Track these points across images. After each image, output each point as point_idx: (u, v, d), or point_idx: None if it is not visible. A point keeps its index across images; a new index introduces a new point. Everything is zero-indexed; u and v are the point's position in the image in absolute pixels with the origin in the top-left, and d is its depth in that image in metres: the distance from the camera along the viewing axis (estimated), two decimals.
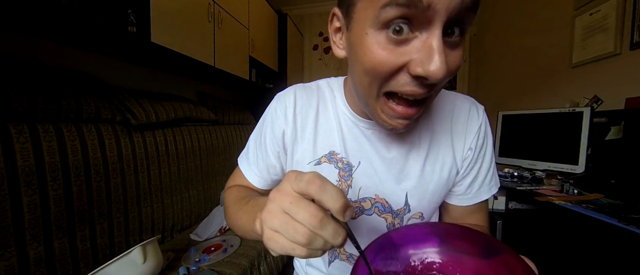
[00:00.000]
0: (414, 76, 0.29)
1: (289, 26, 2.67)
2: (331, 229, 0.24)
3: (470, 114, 0.45)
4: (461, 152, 0.45)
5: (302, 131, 0.47)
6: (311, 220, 0.23)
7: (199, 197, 1.49)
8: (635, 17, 1.20)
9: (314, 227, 0.24)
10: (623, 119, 1.11)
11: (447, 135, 0.45)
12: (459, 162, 0.45)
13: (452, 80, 2.85)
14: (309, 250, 0.25)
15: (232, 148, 1.83)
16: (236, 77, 1.86)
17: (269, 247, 0.26)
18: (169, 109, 1.30)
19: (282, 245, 0.25)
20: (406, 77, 0.30)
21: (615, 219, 0.76)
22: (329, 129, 0.46)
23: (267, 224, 0.26)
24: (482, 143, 0.45)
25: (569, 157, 1.24)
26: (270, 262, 1.26)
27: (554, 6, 1.70)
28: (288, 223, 0.24)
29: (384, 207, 0.45)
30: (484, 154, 0.46)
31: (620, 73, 1.28)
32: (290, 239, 0.24)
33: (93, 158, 0.95)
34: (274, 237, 0.25)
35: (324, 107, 0.48)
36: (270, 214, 0.25)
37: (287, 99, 0.48)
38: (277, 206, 0.25)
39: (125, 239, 1.06)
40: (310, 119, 0.47)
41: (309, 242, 0.24)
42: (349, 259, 0.49)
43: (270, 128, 0.49)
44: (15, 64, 0.87)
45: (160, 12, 1.19)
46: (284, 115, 0.47)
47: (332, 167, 0.45)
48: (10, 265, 0.73)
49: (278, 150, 0.49)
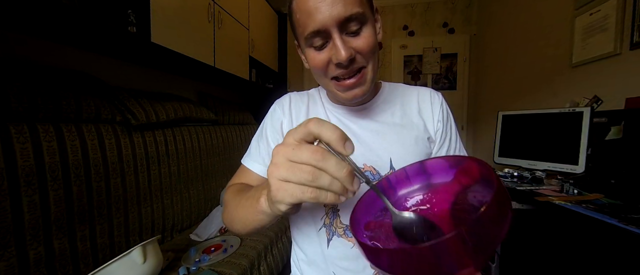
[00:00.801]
0: (335, 64, 0.44)
1: (289, 26, 2.67)
2: (334, 161, 0.26)
3: (431, 95, 0.58)
4: (432, 124, 0.56)
5: (296, 120, 0.57)
6: (314, 156, 0.25)
7: (199, 197, 1.49)
8: (635, 17, 1.20)
9: (317, 161, 0.25)
10: (623, 119, 1.11)
11: (415, 112, 0.56)
12: (431, 131, 0.56)
13: (452, 80, 2.85)
14: (317, 190, 0.26)
15: (232, 148, 1.83)
16: (236, 77, 1.87)
17: (278, 199, 0.28)
18: (169, 109, 1.30)
19: (291, 192, 0.26)
20: (333, 66, 0.44)
21: (615, 219, 0.76)
22: (318, 115, 0.56)
23: (274, 176, 0.27)
24: (447, 116, 0.57)
25: (569, 157, 1.24)
26: (270, 262, 1.26)
27: (554, 6, 1.70)
28: (294, 167, 0.26)
29: (372, 175, 0.51)
30: (451, 126, 0.58)
31: (620, 73, 1.28)
32: (297, 181, 0.26)
33: (93, 158, 0.95)
34: (283, 186, 0.27)
35: (313, 103, 0.60)
36: (276, 166, 0.27)
37: (283, 100, 0.60)
38: (281, 157, 0.27)
39: (125, 239, 1.06)
40: (302, 110, 0.58)
41: (314, 178, 0.25)
42: (346, 233, 0.51)
43: (270, 122, 0.58)
44: (15, 64, 0.87)
45: (160, 12, 1.19)
46: (281, 110, 0.58)
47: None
48: (10, 265, 0.73)
49: (278, 138, 0.57)
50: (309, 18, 0.41)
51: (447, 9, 2.82)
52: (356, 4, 0.41)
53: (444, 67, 2.86)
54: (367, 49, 0.44)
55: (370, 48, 0.44)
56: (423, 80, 2.90)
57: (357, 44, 0.43)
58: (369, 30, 0.44)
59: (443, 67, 2.86)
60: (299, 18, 0.43)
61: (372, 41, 0.44)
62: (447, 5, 2.81)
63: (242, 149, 0.59)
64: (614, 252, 0.76)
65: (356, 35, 0.43)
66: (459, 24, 2.80)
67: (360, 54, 0.44)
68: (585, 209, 0.86)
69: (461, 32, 2.79)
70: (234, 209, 0.44)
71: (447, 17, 2.82)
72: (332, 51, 0.43)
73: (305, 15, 0.42)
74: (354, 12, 0.41)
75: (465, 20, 2.77)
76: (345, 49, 0.41)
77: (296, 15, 0.44)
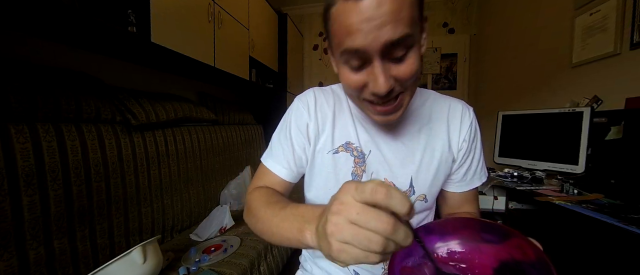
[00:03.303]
0: (371, 92, 0.40)
1: (289, 26, 2.67)
2: (402, 232, 0.25)
3: (463, 112, 0.54)
4: (456, 143, 0.53)
5: (322, 124, 0.54)
6: (385, 227, 0.24)
7: (199, 197, 1.49)
8: (635, 17, 1.20)
9: (388, 234, 0.24)
10: (623, 119, 1.11)
11: (443, 129, 0.53)
12: (454, 151, 0.53)
13: (452, 80, 2.85)
14: (383, 256, 0.26)
15: (232, 148, 1.83)
16: (236, 77, 1.86)
17: (340, 260, 0.26)
18: (169, 109, 1.30)
19: (355, 256, 0.25)
20: (368, 91, 0.40)
21: (615, 219, 0.76)
22: (345, 123, 0.54)
23: (336, 237, 0.26)
24: (474, 136, 0.54)
25: (569, 157, 1.24)
26: (270, 262, 1.26)
27: (554, 6, 1.70)
28: (359, 233, 0.25)
29: None
30: (476, 146, 0.55)
31: (620, 73, 1.28)
32: (364, 248, 0.25)
33: (93, 158, 0.95)
34: (346, 249, 0.26)
35: (339, 105, 0.55)
36: (338, 227, 0.26)
37: (308, 98, 0.55)
38: (343, 219, 0.26)
39: (125, 239, 1.06)
40: (328, 115, 0.54)
41: (383, 249, 0.25)
42: None
43: (295, 123, 0.55)
44: (15, 63, 0.87)
45: (160, 12, 1.19)
46: (307, 111, 0.54)
47: (348, 155, 0.52)
48: (10, 266, 0.73)
49: (303, 142, 0.54)
50: (348, 36, 0.36)
51: (447, 9, 2.82)
52: (406, 24, 0.35)
53: (444, 67, 2.86)
54: (409, 77, 0.39)
55: (412, 76, 0.39)
56: (423, 80, 2.90)
57: (398, 71, 0.38)
58: (414, 55, 0.38)
59: (443, 67, 2.86)
60: (336, 29, 0.38)
61: (416, 68, 0.39)
62: (447, 5, 2.81)
63: (242, 149, 0.58)
64: (614, 252, 0.76)
65: (400, 61, 0.38)
66: (459, 24, 2.80)
67: (400, 82, 0.39)
68: (585, 209, 0.86)
69: (461, 32, 2.79)
70: (267, 221, 0.43)
71: (447, 17, 2.82)
72: (370, 76, 0.38)
73: (345, 30, 0.36)
74: (403, 34, 0.35)
75: (465, 20, 2.77)
76: (385, 80, 0.37)
77: (333, 25, 0.39)
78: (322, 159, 0.53)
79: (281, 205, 0.43)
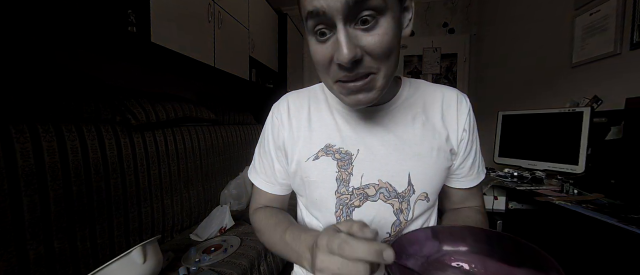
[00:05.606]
0: (337, 64, 0.35)
1: (289, 26, 2.67)
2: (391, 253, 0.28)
3: (458, 100, 0.49)
4: (456, 133, 0.48)
5: (297, 131, 0.50)
6: (368, 254, 0.28)
7: (199, 197, 1.49)
8: (635, 17, 1.20)
9: (371, 256, 0.28)
10: (623, 119, 1.11)
11: (439, 118, 0.48)
12: (454, 142, 0.48)
13: (451, 80, 2.85)
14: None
15: (232, 148, 1.82)
16: (236, 77, 1.87)
17: None
18: (169, 109, 1.30)
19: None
20: (335, 66, 0.36)
21: (615, 219, 0.76)
22: (324, 124, 0.49)
23: (329, 272, 0.30)
24: (473, 126, 0.50)
25: (569, 157, 1.24)
26: (270, 263, 1.26)
27: (554, 6, 1.70)
28: (347, 265, 0.29)
29: (388, 192, 0.45)
30: (476, 137, 0.51)
31: (620, 73, 1.28)
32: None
33: (93, 158, 0.95)
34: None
35: (315, 106, 0.51)
36: (324, 264, 0.30)
37: (281, 107, 0.52)
38: (329, 256, 0.30)
39: (125, 239, 1.06)
40: (303, 119, 0.50)
41: (369, 271, 0.29)
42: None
43: (271, 137, 0.52)
44: (15, 63, 0.87)
45: (160, 12, 1.19)
46: (280, 122, 0.51)
47: (329, 159, 0.47)
48: (10, 265, 0.73)
49: (281, 157, 0.52)
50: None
51: (447, 9, 2.82)
52: None
53: (444, 67, 2.86)
54: (379, 49, 0.34)
55: (383, 49, 0.34)
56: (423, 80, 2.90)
57: (367, 41, 0.34)
58: (387, 24, 0.34)
59: (443, 67, 2.86)
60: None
61: (388, 40, 0.34)
62: (447, 5, 2.81)
63: (242, 149, 0.58)
64: (614, 252, 0.76)
65: (369, 29, 0.34)
66: (459, 24, 2.80)
67: (369, 55, 0.34)
68: (585, 209, 0.86)
69: (461, 32, 2.79)
70: (273, 246, 0.48)
71: (447, 17, 2.82)
72: (335, 45, 0.34)
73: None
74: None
75: (465, 20, 2.77)
76: (348, 46, 0.32)
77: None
78: (303, 169, 0.48)
79: (282, 228, 0.46)
